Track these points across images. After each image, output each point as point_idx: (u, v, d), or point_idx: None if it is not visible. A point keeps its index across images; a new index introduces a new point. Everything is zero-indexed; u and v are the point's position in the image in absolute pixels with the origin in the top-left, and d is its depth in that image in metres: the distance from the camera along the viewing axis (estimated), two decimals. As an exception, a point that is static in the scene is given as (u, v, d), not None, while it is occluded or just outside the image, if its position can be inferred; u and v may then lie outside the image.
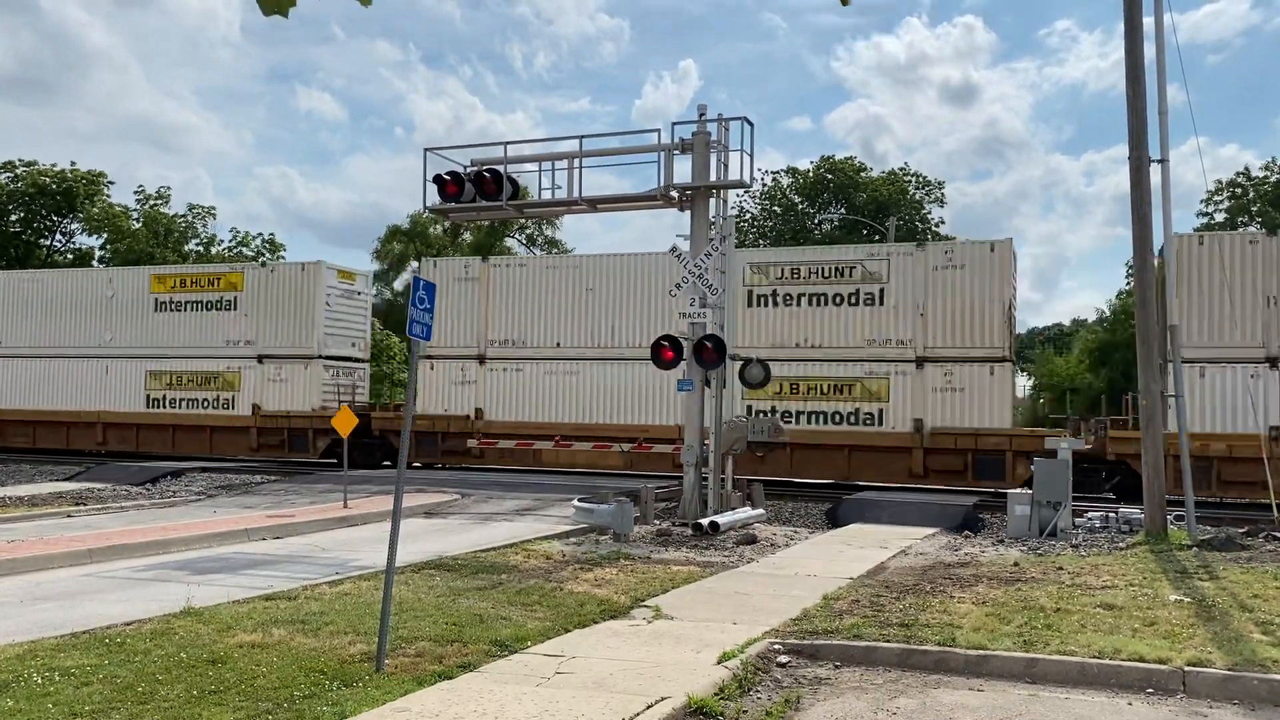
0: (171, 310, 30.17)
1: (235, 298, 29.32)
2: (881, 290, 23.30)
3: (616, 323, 25.56)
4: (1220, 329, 20.99)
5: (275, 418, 28.35)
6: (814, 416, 23.60)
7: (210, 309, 29.64)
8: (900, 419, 22.97)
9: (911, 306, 23.06)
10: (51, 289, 31.97)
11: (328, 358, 28.77)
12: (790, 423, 22.81)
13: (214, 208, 69.99)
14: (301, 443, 28.14)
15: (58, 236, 57.06)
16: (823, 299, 23.72)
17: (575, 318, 25.95)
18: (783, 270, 24.18)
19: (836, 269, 23.75)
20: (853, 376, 23.40)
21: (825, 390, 23.60)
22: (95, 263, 53.88)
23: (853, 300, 23.49)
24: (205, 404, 29.37)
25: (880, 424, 23.15)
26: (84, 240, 57.03)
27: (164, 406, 29.86)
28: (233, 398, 29.07)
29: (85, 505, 19.56)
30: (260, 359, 28.80)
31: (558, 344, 25.95)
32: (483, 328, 26.58)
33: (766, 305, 24.16)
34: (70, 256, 55.75)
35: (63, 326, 31.30)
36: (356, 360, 30.13)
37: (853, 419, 23.37)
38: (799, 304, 23.92)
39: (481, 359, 26.46)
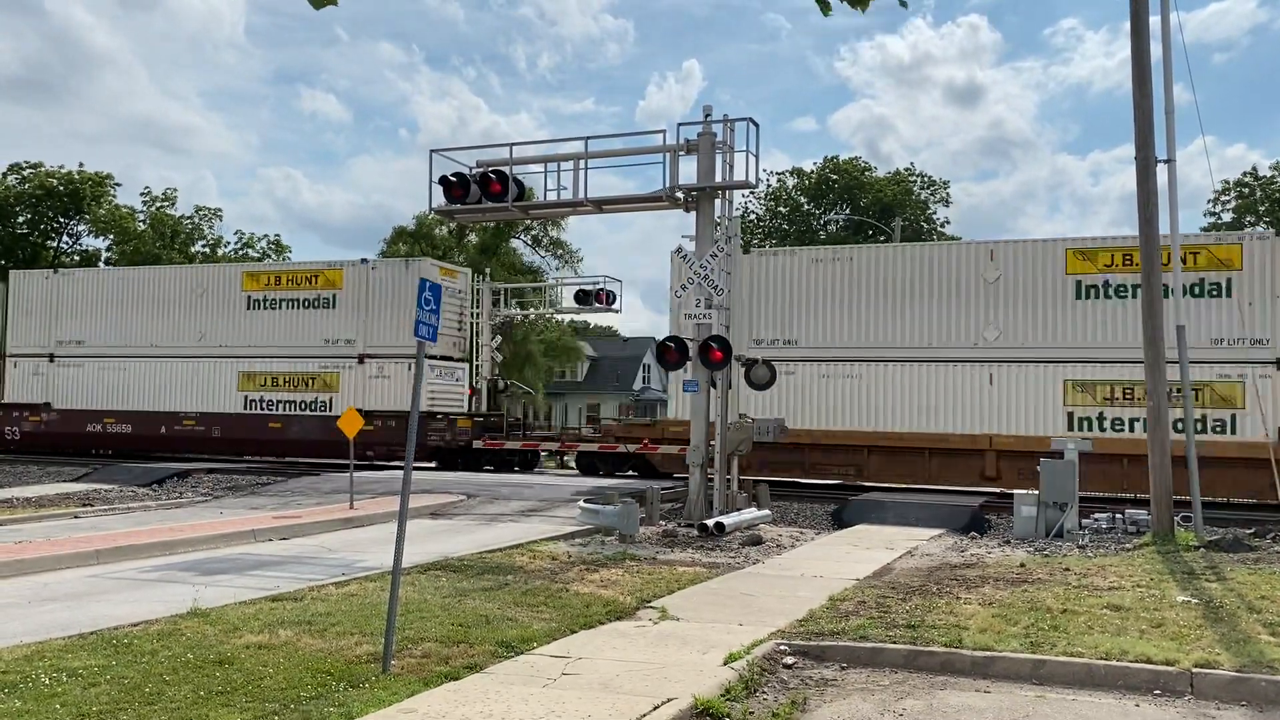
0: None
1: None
2: None
3: None
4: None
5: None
6: None
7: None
8: None
9: None
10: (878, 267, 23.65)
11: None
12: None
13: (220, 209, 70.24)
14: None
15: (65, 238, 57.23)
16: None
17: None
18: None
19: None
20: None
21: None
22: (101, 264, 53.99)
23: None
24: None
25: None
26: (91, 242, 57.24)
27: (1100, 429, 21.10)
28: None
29: (92, 506, 19.61)
30: None
31: None
32: None
33: None
34: (77, 258, 55.91)
35: (885, 318, 23.34)
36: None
37: None
38: None
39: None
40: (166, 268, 31.16)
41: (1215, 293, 21.21)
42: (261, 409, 28.87)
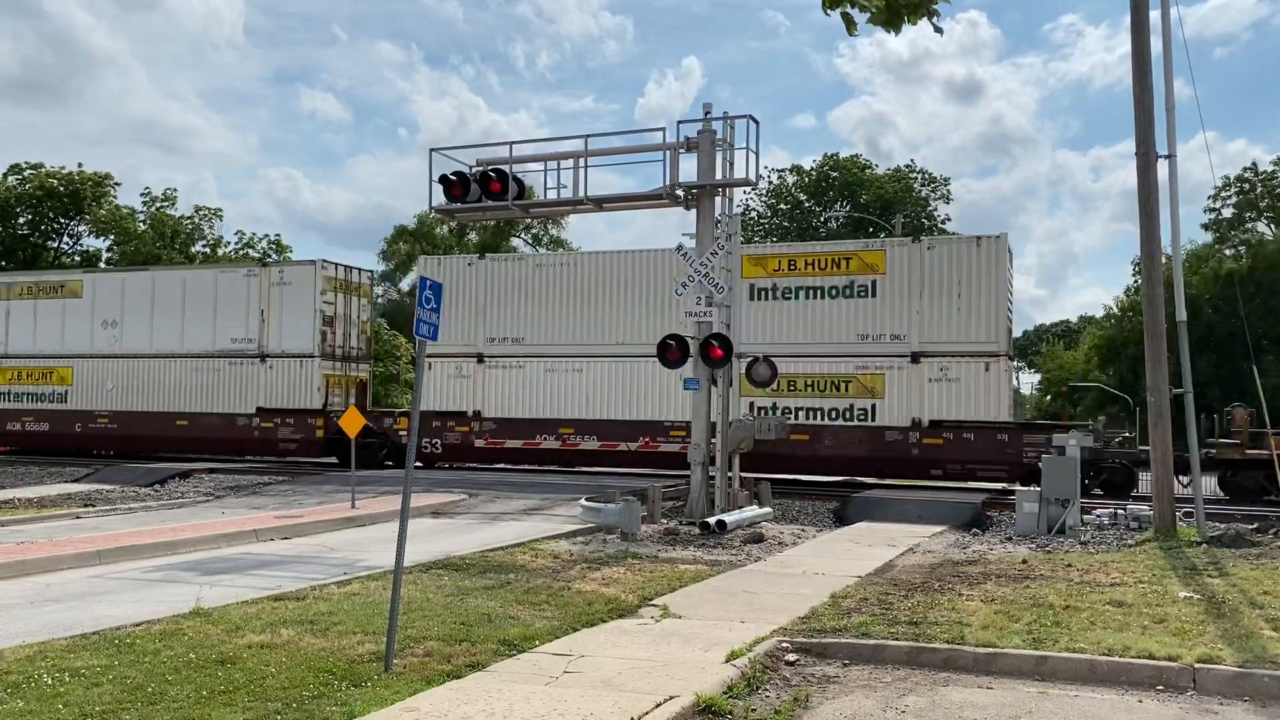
0: None
1: None
2: None
3: None
4: None
5: None
6: None
7: None
8: None
9: None
10: None
11: None
12: None
13: (220, 209, 70.12)
14: None
15: (65, 238, 57.25)
16: None
17: None
18: None
19: None
20: None
21: None
22: (102, 264, 54.00)
23: None
24: None
25: None
26: (91, 242, 57.27)
27: None
28: None
29: (94, 506, 19.62)
30: None
31: None
32: None
33: None
34: (78, 258, 55.93)
35: None
36: None
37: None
38: None
39: None
40: (634, 253, 25.84)
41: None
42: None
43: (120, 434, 30.01)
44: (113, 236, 55.06)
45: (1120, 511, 17.25)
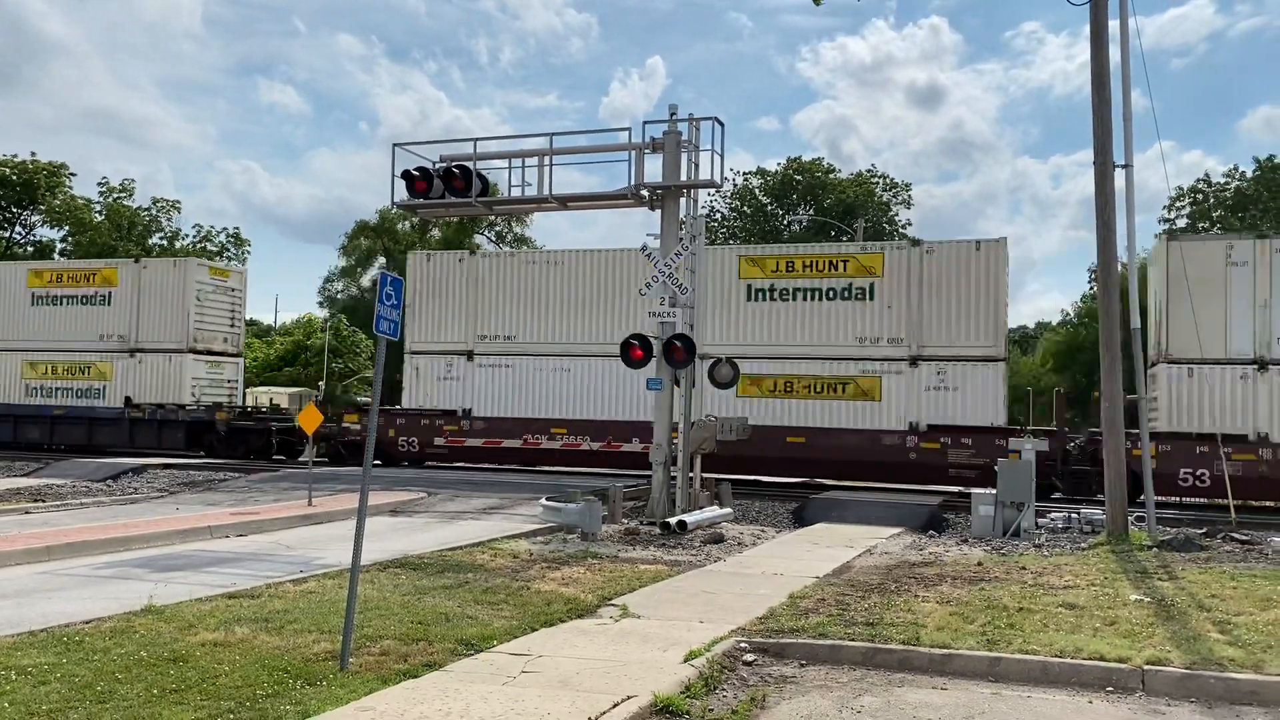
0: None
1: None
2: None
3: None
4: None
5: None
6: None
7: None
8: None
9: None
10: None
11: None
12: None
13: (178, 201, 69.15)
14: None
15: (18, 228, 56.19)
16: None
17: None
18: None
19: None
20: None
21: None
22: (56, 255, 53.05)
23: None
24: None
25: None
26: (45, 232, 56.25)
27: None
28: None
29: (44, 502, 19.27)
30: None
31: None
32: None
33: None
34: (31, 249, 54.93)
35: None
36: None
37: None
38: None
39: None
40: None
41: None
42: None
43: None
44: (68, 227, 54.15)
45: (1074, 515, 17.50)
